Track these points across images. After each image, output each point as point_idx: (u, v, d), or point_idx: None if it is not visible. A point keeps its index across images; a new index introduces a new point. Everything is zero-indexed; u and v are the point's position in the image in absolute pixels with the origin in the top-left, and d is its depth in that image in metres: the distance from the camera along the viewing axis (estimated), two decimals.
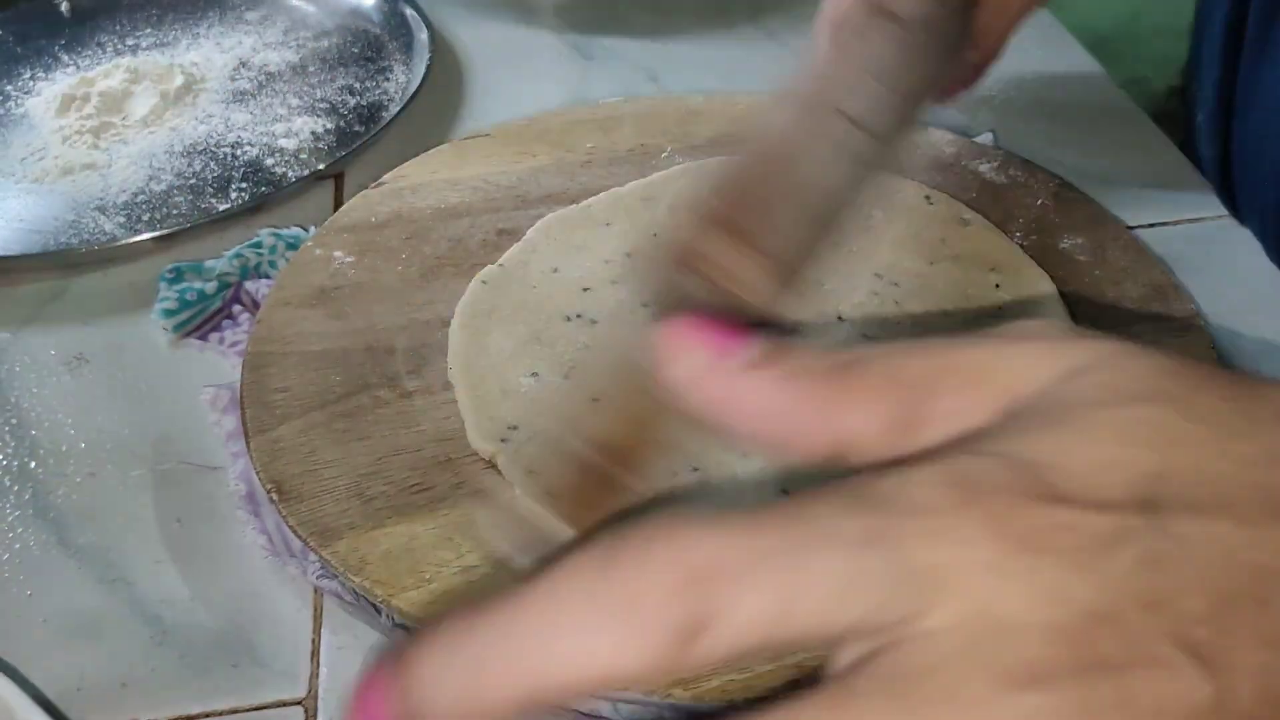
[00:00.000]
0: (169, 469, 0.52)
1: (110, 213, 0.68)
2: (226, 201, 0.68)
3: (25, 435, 0.55)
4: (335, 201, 0.68)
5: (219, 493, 0.51)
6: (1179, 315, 0.53)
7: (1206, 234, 0.61)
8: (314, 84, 0.79)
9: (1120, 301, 0.54)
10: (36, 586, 0.48)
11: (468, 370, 0.52)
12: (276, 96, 0.78)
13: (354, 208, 0.62)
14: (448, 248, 0.60)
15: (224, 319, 0.59)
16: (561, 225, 0.60)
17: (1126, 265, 0.56)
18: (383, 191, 0.63)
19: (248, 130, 0.75)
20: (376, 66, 0.81)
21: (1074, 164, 0.65)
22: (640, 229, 0.59)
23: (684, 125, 0.67)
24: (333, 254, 0.59)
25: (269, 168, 0.71)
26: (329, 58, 0.82)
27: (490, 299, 0.56)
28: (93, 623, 0.47)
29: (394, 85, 0.78)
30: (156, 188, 0.70)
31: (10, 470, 0.53)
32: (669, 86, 0.76)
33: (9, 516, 0.51)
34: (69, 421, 0.55)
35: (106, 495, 0.52)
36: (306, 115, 0.76)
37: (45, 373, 0.58)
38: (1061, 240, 0.57)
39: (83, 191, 0.70)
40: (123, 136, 0.75)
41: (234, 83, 0.80)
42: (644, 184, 0.62)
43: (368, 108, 0.76)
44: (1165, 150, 0.67)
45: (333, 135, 0.74)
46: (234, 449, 0.52)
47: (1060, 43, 0.77)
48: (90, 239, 0.66)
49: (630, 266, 0.54)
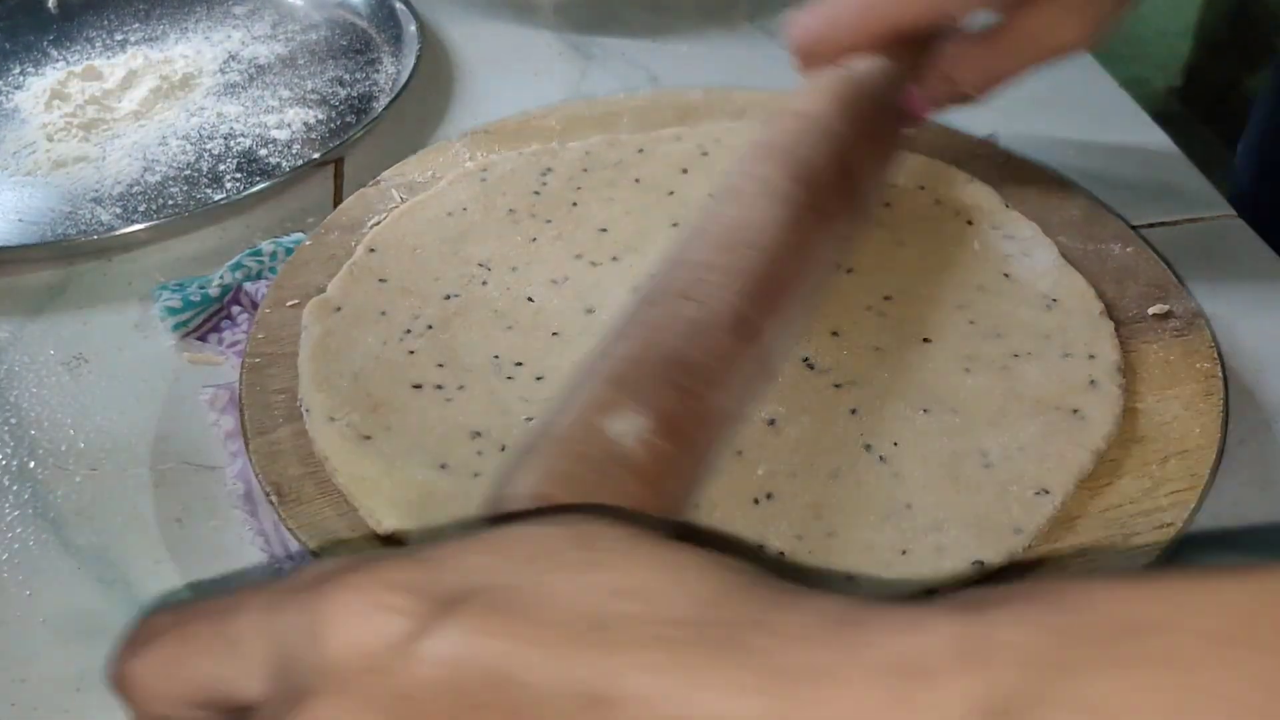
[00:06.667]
0: (168, 469, 0.52)
1: (106, 204, 0.68)
2: (221, 192, 0.68)
3: (25, 435, 0.54)
4: (335, 190, 0.68)
5: (219, 492, 0.51)
6: (1180, 315, 0.53)
7: (1207, 233, 0.61)
8: (304, 76, 0.79)
9: (1121, 301, 0.54)
10: (36, 586, 0.48)
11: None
12: (267, 89, 0.78)
13: (351, 206, 0.62)
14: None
15: (223, 319, 0.58)
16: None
17: (1127, 265, 0.56)
18: (380, 190, 0.63)
19: (240, 122, 0.74)
20: (366, 59, 0.80)
21: (1074, 164, 0.65)
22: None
23: (682, 121, 0.67)
24: (331, 254, 0.59)
25: (263, 158, 0.71)
26: (318, 50, 0.82)
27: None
28: (93, 623, 0.46)
29: (384, 77, 0.78)
30: (151, 179, 0.70)
31: (10, 470, 0.53)
32: (668, 86, 0.75)
33: (9, 516, 0.51)
34: (69, 421, 0.55)
35: (106, 495, 0.51)
36: (298, 106, 0.75)
37: (45, 372, 0.58)
38: (1061, 240, 0.57)
39: (77, 184, 0.70)
40: (114, 130, 0.74)
41: (224, 75, 0.79)
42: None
43: (359, 99, 0.76)
44: (1165, 150, 0.67)
45: (325, 126, 0.74)
46: (232, 448, 0.52)
47: None
48: (87, 230, 0.66)
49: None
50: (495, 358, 0.52)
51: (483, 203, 0.61)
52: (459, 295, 0.56)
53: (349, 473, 0.47)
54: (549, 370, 0.51)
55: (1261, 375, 0.53)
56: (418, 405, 0.50)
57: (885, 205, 0.59)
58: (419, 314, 0.55)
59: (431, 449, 0.48)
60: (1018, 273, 0.55)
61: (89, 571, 0.48)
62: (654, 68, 0.78)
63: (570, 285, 0.56)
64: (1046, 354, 0.51)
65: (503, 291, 0.56)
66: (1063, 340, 0.52)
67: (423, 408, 0.50)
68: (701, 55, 0.78)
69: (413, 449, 0.48)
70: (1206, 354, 0.51)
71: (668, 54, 0.79)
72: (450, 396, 0.51)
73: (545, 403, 0.50)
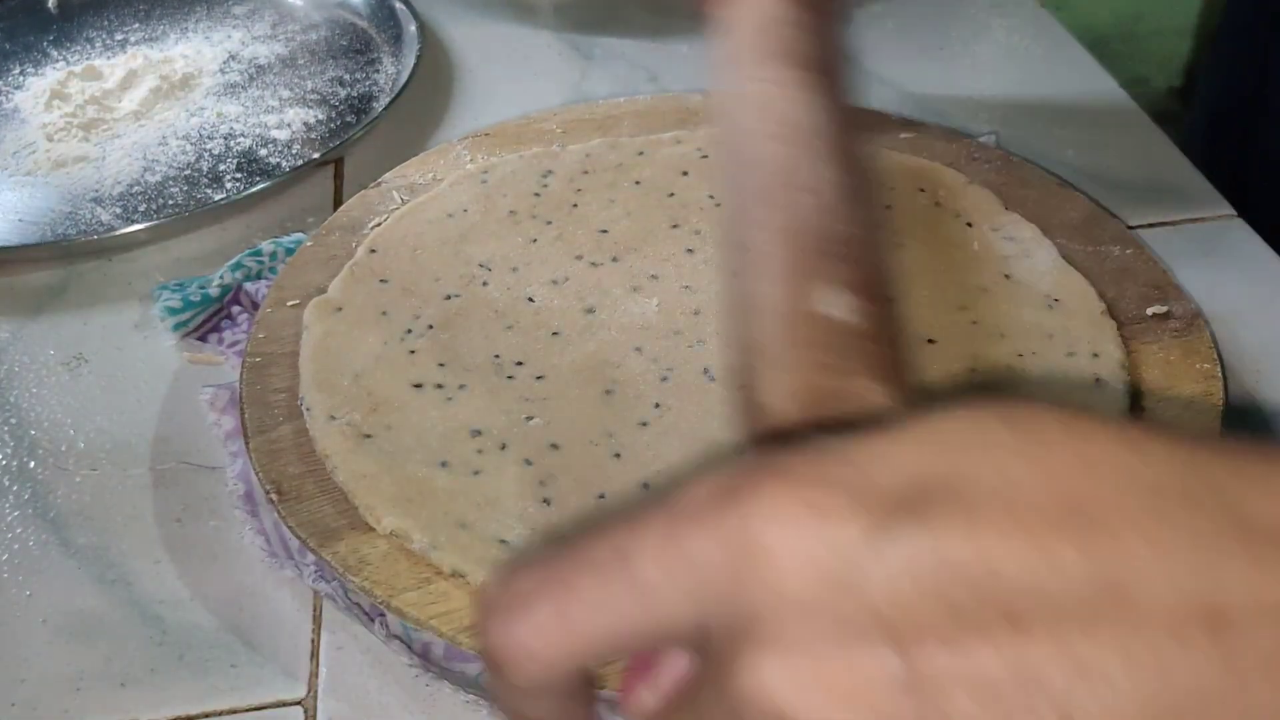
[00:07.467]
0: (168, 469, 0.52)
1: (106, 204, 0.68)
2: (222, 191, 0.68)
3: (25, 435, 0.54)
4: (335, 190, 0.68)
5: (218, 492, 0.51)
6: (1180, 315, 0.53)
7: (1207, 234, 0.61)
8: (304, 76, 0.79)
9: (1120, 302, 0.54)
10: (36, 586, 0.48)
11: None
12: (267, 89, 0.78)
13: (352, 207, 0.62)
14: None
15: (223, 319, 0.58)
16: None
17: (1127, 265, 0.56)
18: (381, 191, 0.63)
19: (240, 122, 0.74)
20: (366, 59, 0.80)
21: (1074, 164, 0.65)
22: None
23: (683, 124, 0.67)
24: (331, 254, 0.59)
25: (263, 158, 0.71)
26: (318, 50, 0.82)
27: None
28: (93, 623, 0.46)
29: (384, 77, 0.78)
30: (151, 179, 0.70)
31: (10, 470, 0.53)
32: (669, 86, 0.76)
33: (9, 516, 0.51)
34: (68, 421, 0.55)
35: (106, 495, 0.51)
36: (298, 106, 0.75)
37: (45, 372, 0.58)
38: (1061, 241, 0.57)
39: (77, 184, 0.70)
40: (114, 130, 0.74)
41: (224, 75, 0.79)
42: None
43: (359, 99, 0.76)
44: (1165, 150, 0.67)
45: (325, 126, 0.74)
46: (232, 448, 0.52)
47: (1060, 43, 0.77)
48: (87, 230, 0.66)
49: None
50: (495, 357, 0.52)
51: (483, 204, 0.61)
52: (459, 295, 0.56)
53: (349, 471, 0.47)
54: (549, 370, 0.52)
55: (1261, 375, 0.53)
56: (418, 404, 0.50)
57: (885, 207, 0.59)
58: (420, 314, 0.55)
59: (432, 447, 0.48)
60: (1018, 274, 0.55)
61: (89, 571, 0.48)
62: (654, 68, 0.78)
63: (570, 286, 0.56)
64: (1051, 354, 0.51)
65: (503, 292, 0.56)
66: (1066, 340, 0.52)
67: (423, 407, 0.50)
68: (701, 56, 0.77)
69: (413, 447, 0.48)
70: (1206, 354, 0.51)
71: (668, 54, 0.79)
72: (451, 396, 0.51)
73: (545, 402, 0.50)
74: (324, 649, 0.45)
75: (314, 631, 0.46)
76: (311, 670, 0.45)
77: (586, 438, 0.49)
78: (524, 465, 0.47)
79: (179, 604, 0.47)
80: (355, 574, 0.44)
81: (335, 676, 0.44)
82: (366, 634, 0.45)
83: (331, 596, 0.46)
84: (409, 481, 0.47)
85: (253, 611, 0.47)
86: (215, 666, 0.45)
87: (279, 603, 0.47)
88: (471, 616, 0.26)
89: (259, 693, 0.44)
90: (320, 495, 0.47)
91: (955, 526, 0.23)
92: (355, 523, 0.46)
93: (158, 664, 0.45)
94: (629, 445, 0.48)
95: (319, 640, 0.45)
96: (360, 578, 0.44)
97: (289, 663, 0.45)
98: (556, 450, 0.48)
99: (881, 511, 0.23)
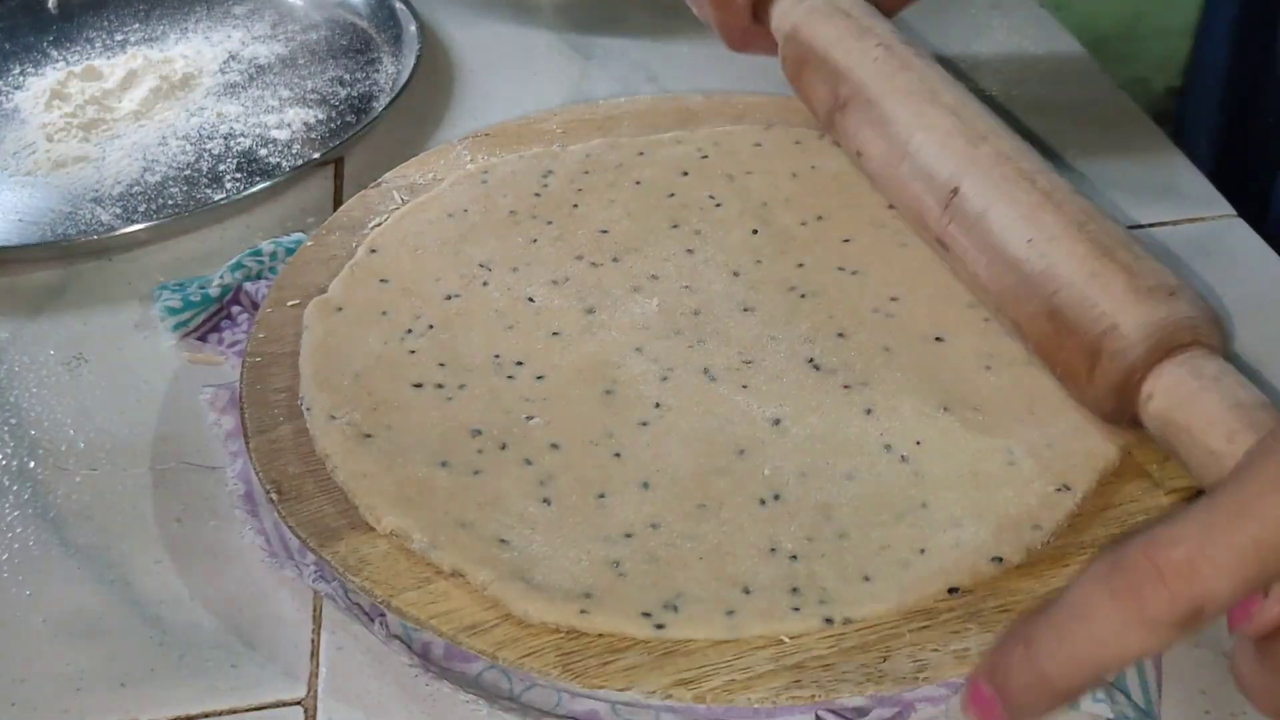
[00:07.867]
0: (168, 469, 0.52)
1: (106, 204, 0.68)
2: (222, 192, 0.68)
3: (25, 435, 0.54)
4: (335, 190, 0.68)
5: (218, 492, 0.51)
6: None
7: (1207, 233, 0.61)
8: (304, 76, 0.79)
9: None
10: (36, 586, 0.48)
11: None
12: (267, 89, 0.78)
13: (352, 207, 0.62)
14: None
15: (223, 319, 0.58)
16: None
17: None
18: (381, 191, 0.63)
19: (240, 122, 0.74)
20: (366, 59, 0.80)
21: (1074, 164, 0.65)
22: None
23: (683, 125, 0.67)
24: (331, 254, 0.59)
25: (263, 158, 0.71)
26: (318, 50, 0.82)
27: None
28: (93, 623, 0.46)
29: (384, 76, 0.78)
30: (151, 179, 0.70)
31: (10, 470, 0.53)
32: (669, 86, 0.76)
33: (9, 516, 0.51)
34: (68, 421, 0.55)
35: (106, 495, 0.51)
36: (298, 106, 0.75)
37: (45, 372, 0.58)
38: None
39: (77, 184, 0.70)
40: (113, 130, 0.74)
41: (224, 75, 0.79)
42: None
43: (359, 98, 0.76)
44: (1165, 150, 0.67)
45: (325, 126, 0.74)
46: (232, 448, 0.52)
47: (1060, 43, 0.77)
48: (87, 230, 0.66)
49: None
50: (496, 357, 0.52)
51: (484, 204, 0.61)
52: (460, 295, 0.56)
53: (349, 470, 0.47)
54: (549, 370, 0.52)
55: (1261, 375, 0.52)
56: (418, 404, 0.50)
57: (888, 206, 0.59)
58: (420, 314, 0.55)
59: (432, 447, 0.48)
60: None
61: (89, 571, 0.48)
62: (654, 68, 0.78)
63: (571, 285, 0.56)
64: None
65: (503, 292, 0.56)
66: None
67: (423, 406, 0.50)
68: (701, 56, 0.78)
69: (413, 447, 0.48)
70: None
71: (668, 54, 0.79)
72: (451, 395, 0.51)
73: (545, 402, 0.50)
74: (324, 649, 0.45)
75: (314, 631, 0.46)
76: (311, 670, 0.44)
77: (586, 437, 0.49)
78: (524, 465, 0.47)
79: (179, 604, 0.47)
80: (355, 574, 0.44)
81: (335, 676, 0.44)
82: (366, 634, 0.45)
83: (331, 596, 0.46)
84: (409, 481, 0.47)
85: (253, 611, 0.47)
86: (215, 667, 0.45)
87: (279, 603, 0.47)
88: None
89: (259, 693, 0.44)
90: (320, 495, 0.47)
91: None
92: (355, 522, 0.46)
93: (158, 664, 0.45)
94: (629, 445, 0.48)
95: (319, 640, 0.45)
96: (360, 577, 0.44)
97: (289, 663, 0.45)
98: (556, 450, 0.48)
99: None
